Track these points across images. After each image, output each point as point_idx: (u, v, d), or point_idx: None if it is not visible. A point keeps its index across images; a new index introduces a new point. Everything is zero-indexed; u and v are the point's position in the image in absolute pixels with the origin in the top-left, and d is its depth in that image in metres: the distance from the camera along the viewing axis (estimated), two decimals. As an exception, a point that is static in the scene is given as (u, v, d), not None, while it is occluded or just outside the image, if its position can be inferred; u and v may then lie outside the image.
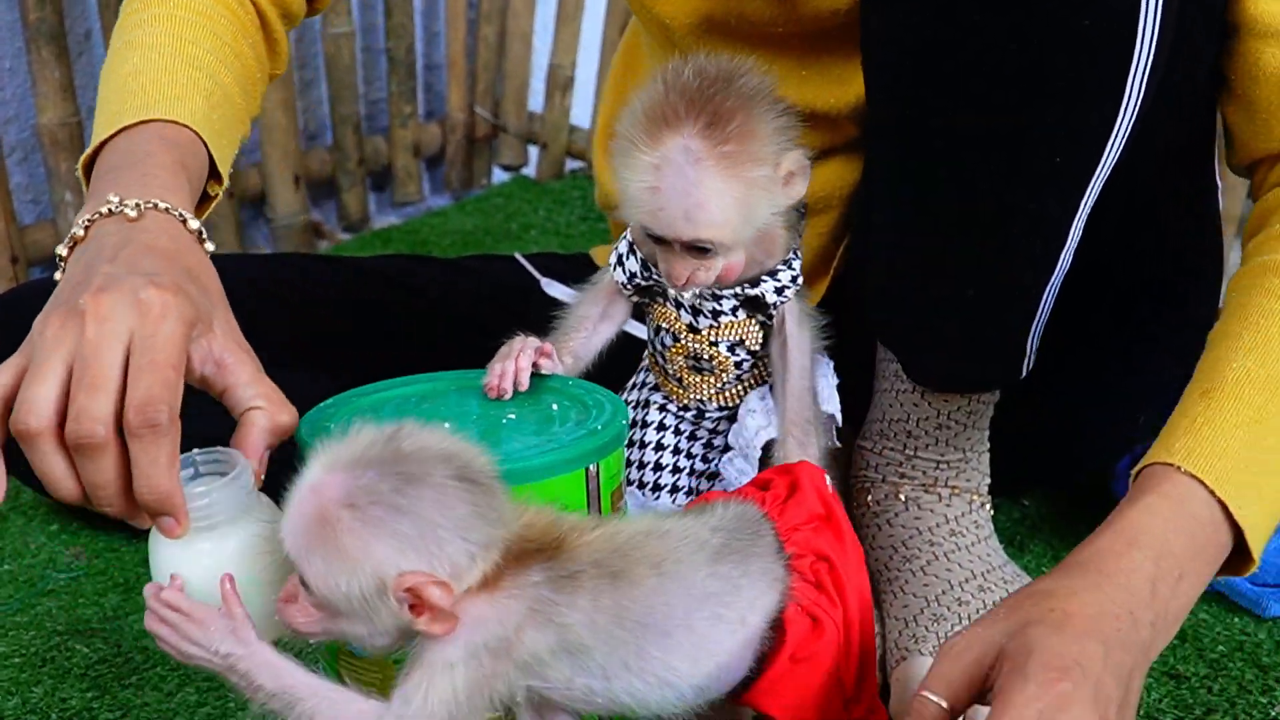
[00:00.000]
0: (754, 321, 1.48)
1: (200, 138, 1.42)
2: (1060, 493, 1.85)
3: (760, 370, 1.51)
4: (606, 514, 1.30)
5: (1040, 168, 1.38)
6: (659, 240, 1.38)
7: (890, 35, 1.40)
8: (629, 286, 1.49)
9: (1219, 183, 1.67)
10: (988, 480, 1.64)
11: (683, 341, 1.49)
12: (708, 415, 1.53)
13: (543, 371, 1.41)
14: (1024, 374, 1.56)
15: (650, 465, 1.52)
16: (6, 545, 1.86)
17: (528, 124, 3.22)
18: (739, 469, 1.49)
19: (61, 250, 1.31)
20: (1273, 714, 1.44)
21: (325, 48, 2.83)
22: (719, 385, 1.50)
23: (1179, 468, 1.25)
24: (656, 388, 1.55)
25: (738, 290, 1.46)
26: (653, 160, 1.33)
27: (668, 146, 1.33)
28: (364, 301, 1.94)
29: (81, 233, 1.30)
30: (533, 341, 1.43)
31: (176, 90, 1.44)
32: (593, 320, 1.50)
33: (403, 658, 1.15)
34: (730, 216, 1.35)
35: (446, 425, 1.31)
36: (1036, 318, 1.51)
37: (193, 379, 1.23)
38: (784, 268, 1.47)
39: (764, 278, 1.46)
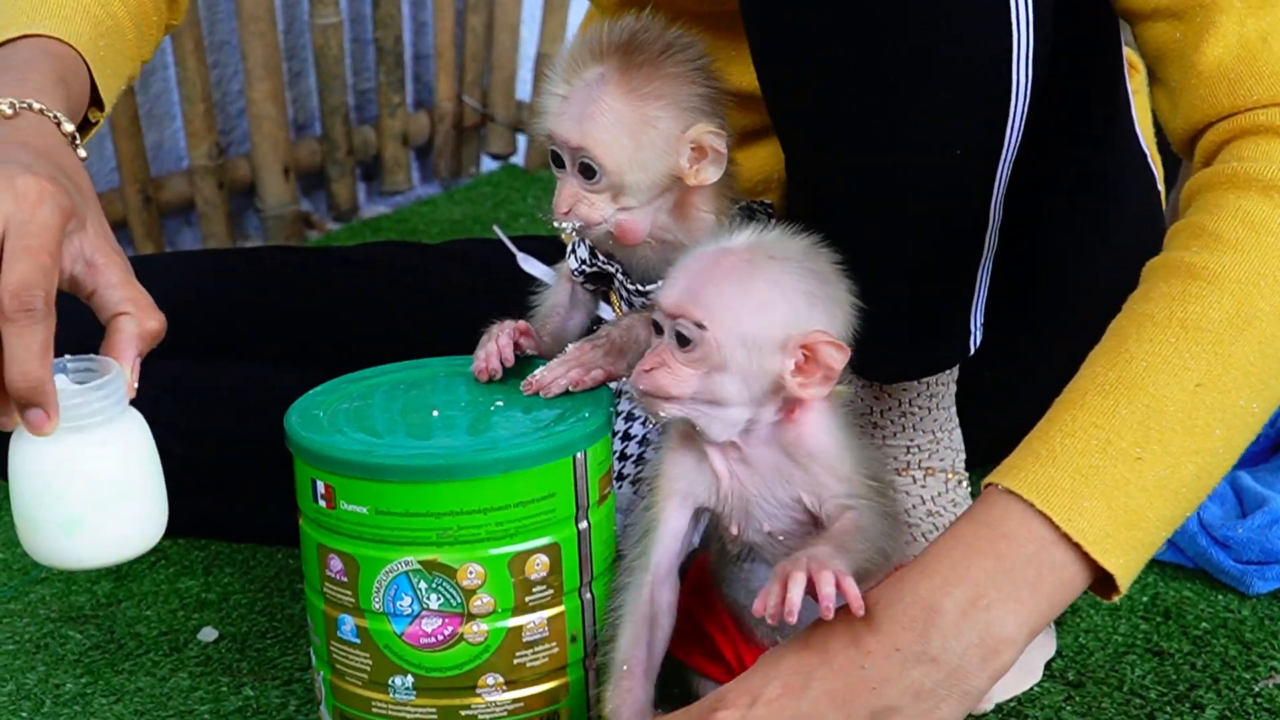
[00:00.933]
0: None
1: (84, 59, 1.38)
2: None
3: None
4: (594, 501, 1.30)
5: (944, 156, 1.37)
6: (557, 162, 1.39)
7: (771, 53, 1.41)
8: (580, 275, 1.48)
9: (1144, 148, 1.68)
10: (963, 456, 1.63)
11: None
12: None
13: (525, 351, 1.42)
14: (973, 350, 1.55)
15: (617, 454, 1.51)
16: (0, 534, 1.87)
17: (516, 113, 3.22)
18: None
19: None
20: (1256, 689, 1.45)
21: (314, 39, 2.84)
22: None
23: (997, 485, 1.19)
24: None
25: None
26: (569, 79, 1.37)
27: (586, 71, 1.37)
28: (352, 291, 1.94)
29: None
30: (509, 323, 1.43)
31: (65, 11, 1.39)
32: (564, 308, 1.50)
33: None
34: (619, 140, 1.35)
35: (435, 412, 1.33)
36: (975, 297, 1.49)
37: (61, 279, 1.18)
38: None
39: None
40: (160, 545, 1.78)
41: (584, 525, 1.30)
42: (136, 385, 1.19)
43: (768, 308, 1.22)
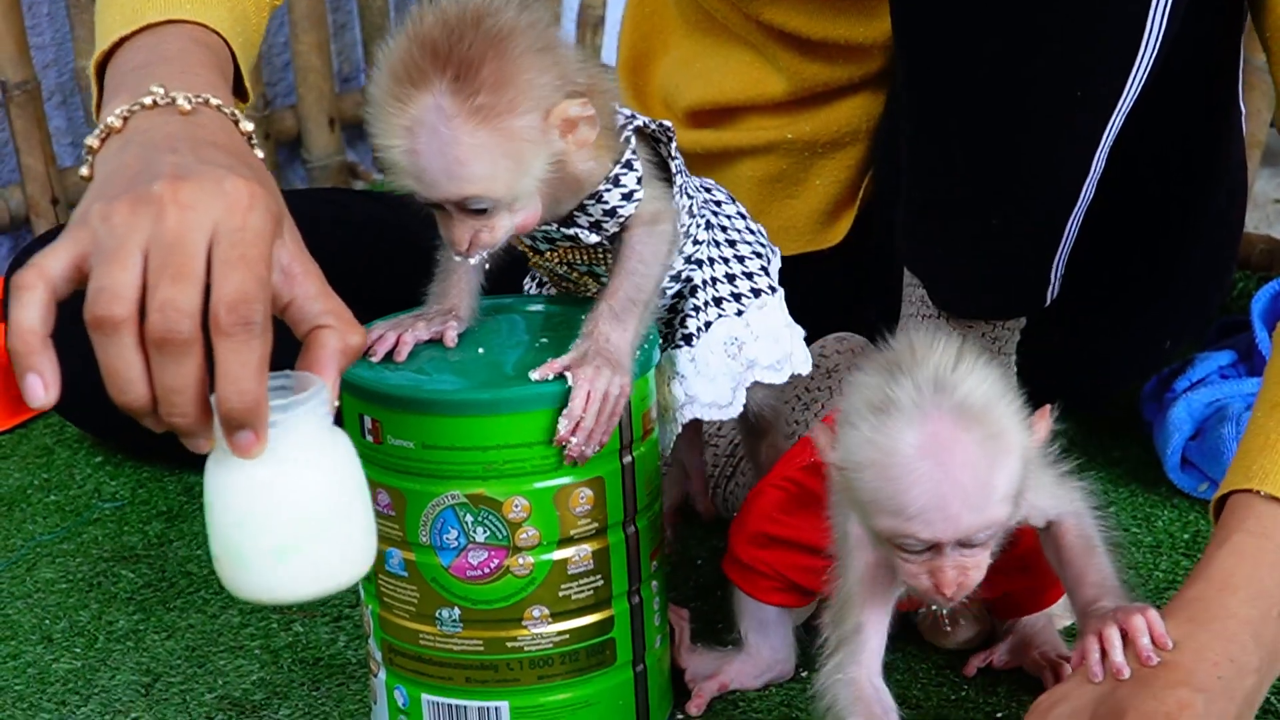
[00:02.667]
0: (598, 248, 1.35)
1: (230, 47, 1.30)
2: (1089, 414, 1.85)
3: None
4: (638, 437, 1.30)
5: (1063, 99, 1.38)
6: (434, 205, 1.27)
7: None
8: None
9: (1243, 108, 1.67)
10: (1017, 405, 1.64)
11: (534, 260, 1.40)
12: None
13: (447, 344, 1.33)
14: (1048, 302, 1.57)
15: None
16: (54, 477, 1.88)
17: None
18: None
19: (91, 141, 1.15)
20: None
21: (358, -10, 2.84)
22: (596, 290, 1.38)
23: (1259, 492, 1.21)
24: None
25: (550, 229, 1.33)
26: (404, 123, 1.22)
27: (418, 106, 1.21)
28: (398, 232, 1.94)
29: (119, 124, 1.13)
30: (435, 315, 1.34)
31: None
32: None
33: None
34: (496, 170, 1.22)
35: (481, 349, 1.33)
36: (1061, 246, 1.51)
37: None
38: (592, 201, 1.31)
39: (576, 214, 1.32)
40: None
41: (628, 460, 1.29)
42: (338, 403, 1.11)
43: (1019, 457, 1.17)
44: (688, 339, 1.39)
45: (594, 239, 1.32)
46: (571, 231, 1.32)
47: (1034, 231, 1.50)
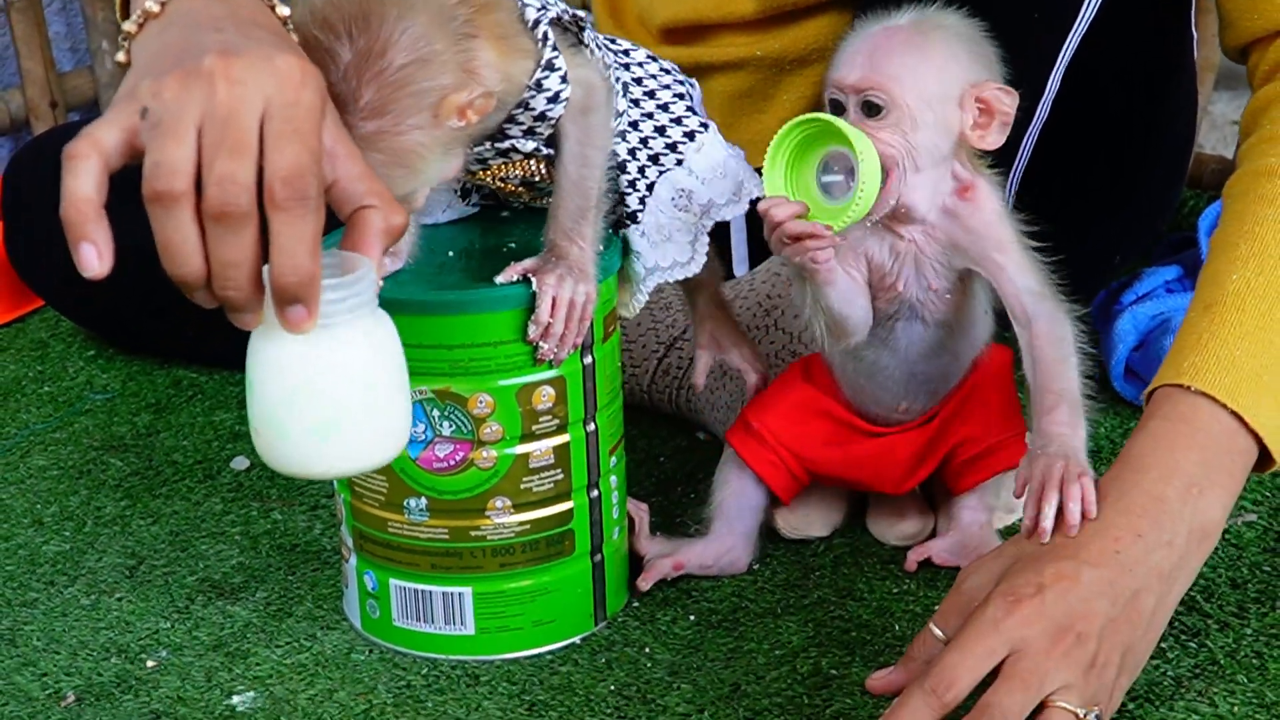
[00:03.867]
0: (534, 160, 1.34)
1: None
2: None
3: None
4: (599, 338, 1.34)
5: (1021, 19, 1.40)
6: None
7: None
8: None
9: (1194, 32, 1.70)
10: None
11: (467, 179, 1.37)
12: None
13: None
14: None
15: None
16: (47, 369, 1.91)
17: None
18: None
19: (129, 27, 1.10)
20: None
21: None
22: (522, 178, 1.36)
23: (1188, 387, 1.24)
24: None
25: (484, 147, 1.30)
26: None
27: None
28: None
29: (156, 8, 1.09)
30: None
31: None
32: None
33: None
34: (394, 181, 1.16)
35: (450, 253, 1.35)
36: (1016, 163, 1.53)
37: None
38: (521, 111, 1.27)
39: (506, 125, 1.28)
40: (196, 380, 1.85)
41: (589, 360, 1.33)
42: (383, 283, 1.11)
43: (944, 68, 1.30)
44: (632, 217, 1.38)
45: (530, 145, 1.30)
46: (506, 145, 1.30)
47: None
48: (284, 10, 1.14)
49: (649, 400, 1.74)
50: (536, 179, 1.34)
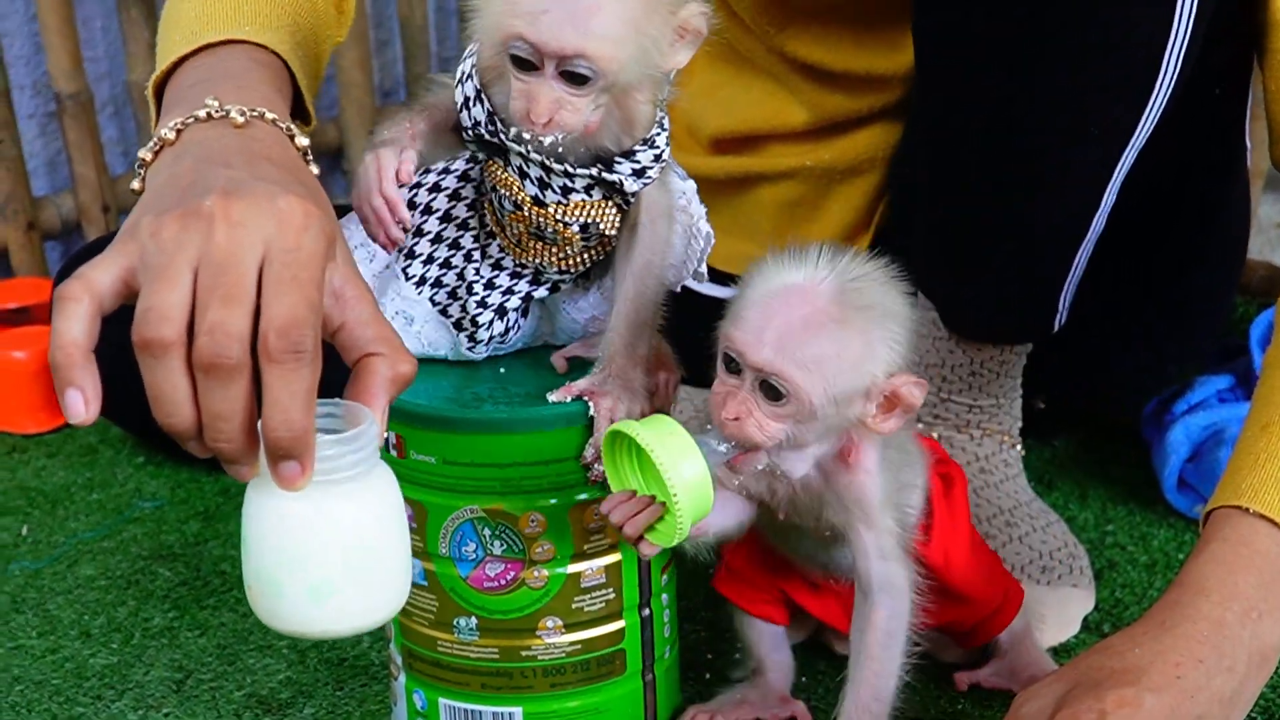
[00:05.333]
0: (610, 204, 1.23)
1: (290, 69, 1.24)
2: (1086, 436, 1.85)
3: (610, 239, 1.27)
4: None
5: (1078, 134, 1.38)
6: (524, 65, 1.12)
7: (942, 38, 1.41)
8: (469, 134, 1.23)
9: (1248, 142, 1.67)
10: (1019, 424, 1.64)
11: (525, 212, 1.23)
12: (546, 276, 1.30)
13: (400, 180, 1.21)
14: (1056, 329, 1.57)
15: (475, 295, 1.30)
16: (96, 476, 1.89)
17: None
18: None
19: (145, 154, 1.09)
20: None
21: (399, 9, 2.84)
22: (562, 254, 1.27)
23: (1246, 509, 1.21)
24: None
25: (593, 171, 1.20)
26: None
27: None
28: None
29: (172, 136, 1.08)
30: (385, 154, 1.22)
31: (262, 20, 1.24)
32: (412, 135, 1.25)
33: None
34: (623, 35, 1.10)
35: (502, 369, 1.32)
36: (1070, 276, 1.51)
37: None
38: (644, 147, 1.21)
39: (619, 159, 1.21)
40: (245, 488, 1.82)
41: (641, 478, 1.30)
42: (388, 434, 1.03)
43: (860, 363, 1.17)
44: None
45: (636, 186, 1.21)
46: (614, 177, 1.21)
47: (1045, 261, 1.50)
48: (303, 141, 1.12)
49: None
50: (599, 223, 1.24)
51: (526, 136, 1.17)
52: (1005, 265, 1.50)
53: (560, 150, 1.19)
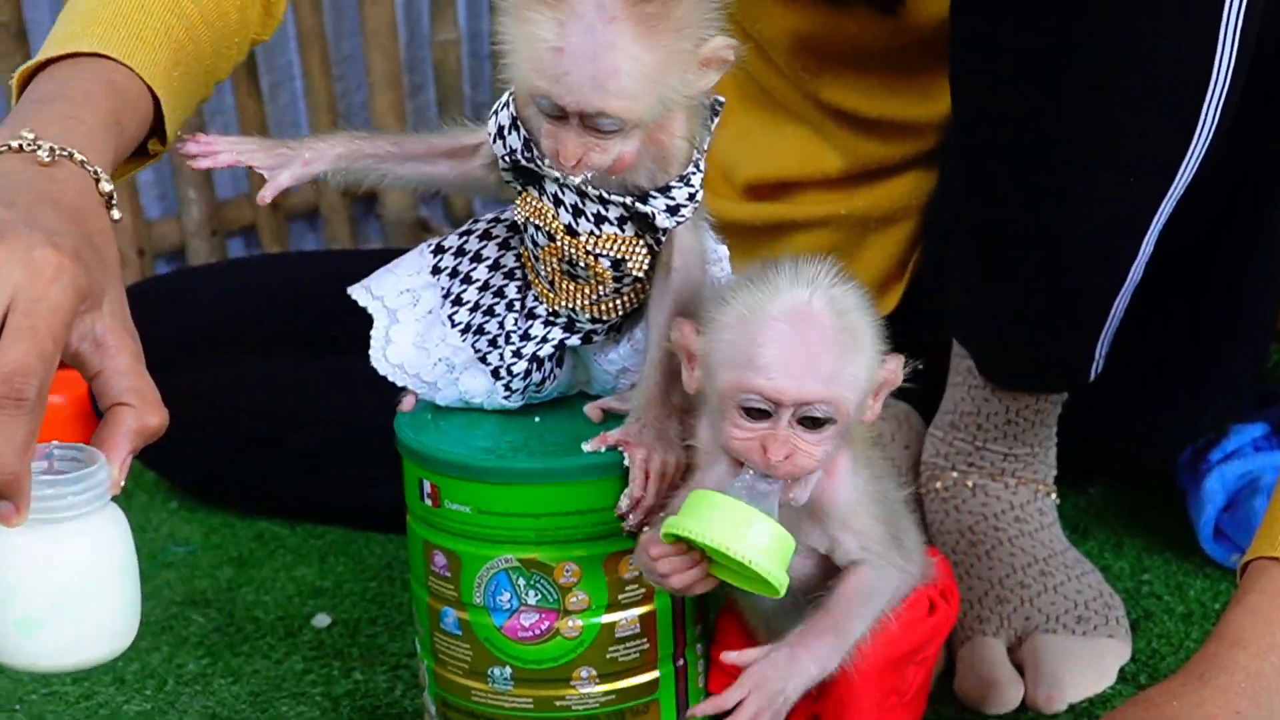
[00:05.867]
0: (641, 243, 1.23)
1: (153, 94, 1.24)
2: (1122, 485, 1.83)
3: (642, 286, 1.27)
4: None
5: (1115, 187, 1.36)
6: (551, 112, 1.13)
7: (972, 48, 1.40)
8: (505, 161, 1.23)
9: None
10: (1054, 472, 1.62)
11: (558, 243, 1.23)
12: (579, 324, 1.30)
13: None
14: (1091, 378, 1.55)
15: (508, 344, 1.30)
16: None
17: (624, 126, 3.22)
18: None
19: None
20: None
21: (433, 54, 2.84)
22: (594, 296, 1.26)
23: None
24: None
25: (626, 201, 1.20)
26: (558, 15, 1.08)
27: (577, 1, 1.08)
28: None
29: None
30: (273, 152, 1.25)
31: (146, 35, 1.24)
32: (435, 153, 1.28)
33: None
34: (644, 90, 1.10)
35: (537, 418, 1.32)
36: (1106, 326, 1.49)
37: (66, 354, 1.03)
38: (679, 185, 1.21)
39: (654, 194, 1.20)
40: (279, 534, 1.82)
41: (676, 528, 1.28)
42: (124, 483, 1.06)
43: (872, 366, 1.17)
44: None
45: (669, 224, 1.21)
46: (647, 209, 1.20)
47: (1081, 311, 1.48)
48: (106, 187, 1.13)
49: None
50: (629, 261, 1.23)
51: (551, 188, 1.19)
52: (1041, 315, 1.48)
53: (595, 178, 1.19)
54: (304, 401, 1.76)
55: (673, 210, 1.21)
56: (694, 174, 1.22)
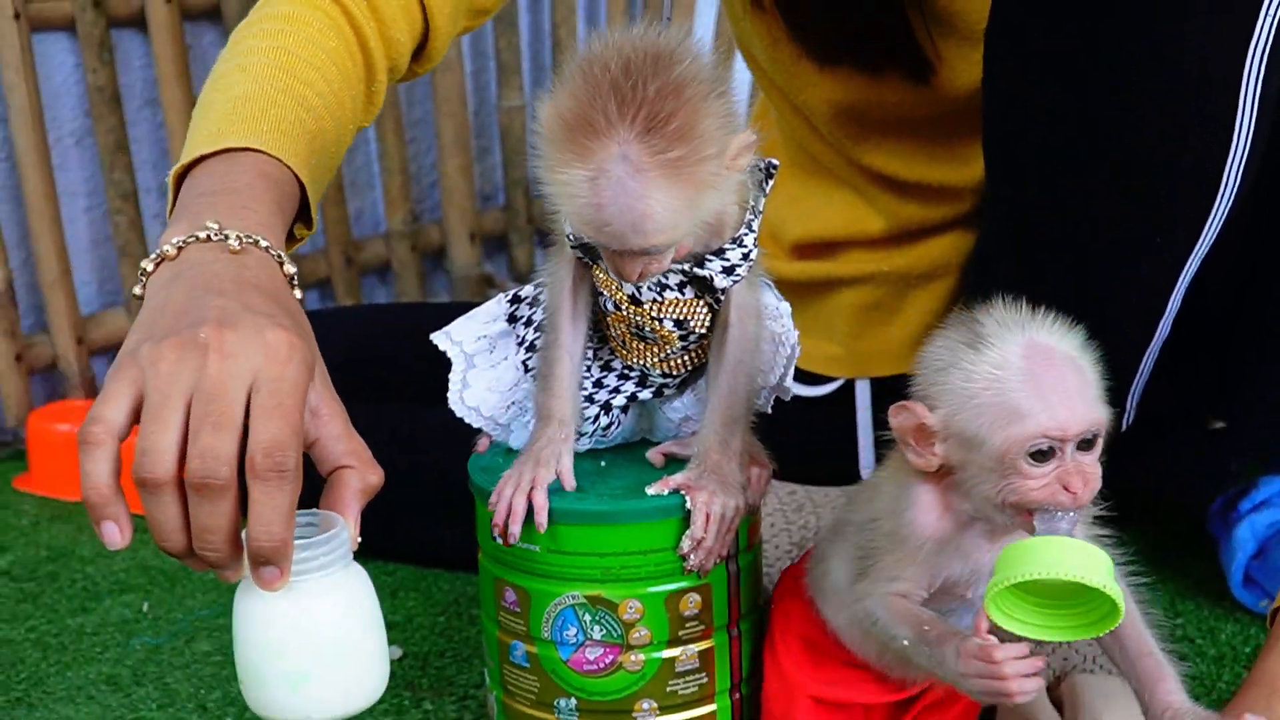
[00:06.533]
0: (701, 303, 1.26)
1: (300, 181, 1.29)
2: (1155, 531, 1.84)
3: (707, 343, 1.30)
4: (743, 548, 1.32)
5: (1143, 247, 1.38)
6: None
7: (1004, 118, 1.42)
8: (572, 240, 1.25)
9: None
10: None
11: (623, 311, 1.27)
12: (650, 379, 1.34)
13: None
14: (1124, 429, 1.57)
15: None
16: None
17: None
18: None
19: (147, 265, 1.16)
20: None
21: (500, 119, 2.88)
22: (662, 355, 1.30)
23: None
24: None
25: (685, 268, 1.24)
26: (588, 173, 1.12)
27: (604, 157, 1.11)
28: None
29: (173, 252, 1.15)
30: (525, 478, 1.27)
31: (284, 126, 1.29)
32: (569, 307, 1.29)
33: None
34: (681, 219, 1.14)
35: (603, 463, 1.34)
36: (1136, 378, 1.50)
37: None
38: (733, 246, 1.24)
39: (710, 257, 1.23)
40: (353, 571, 1.84)
41: (734, 569, 1.31)
42: (359, 540, 1.11)
43: (1099, 383, 1.18)
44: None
45: (726, 283, 1.24)
46: (705, 273, 1.24)
47: (1112, 364, 1.49)
48: (290, 269, 1.18)
49: (782, 599, 1.71)
50: (691, 320, 1.27)
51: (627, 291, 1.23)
52: None
53: None
54: (376, 445, 1.79)
55: (728, 270, 1.24)
56: (746, 234, 1.24)
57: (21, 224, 2.30)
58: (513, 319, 1.34)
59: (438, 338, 1.35)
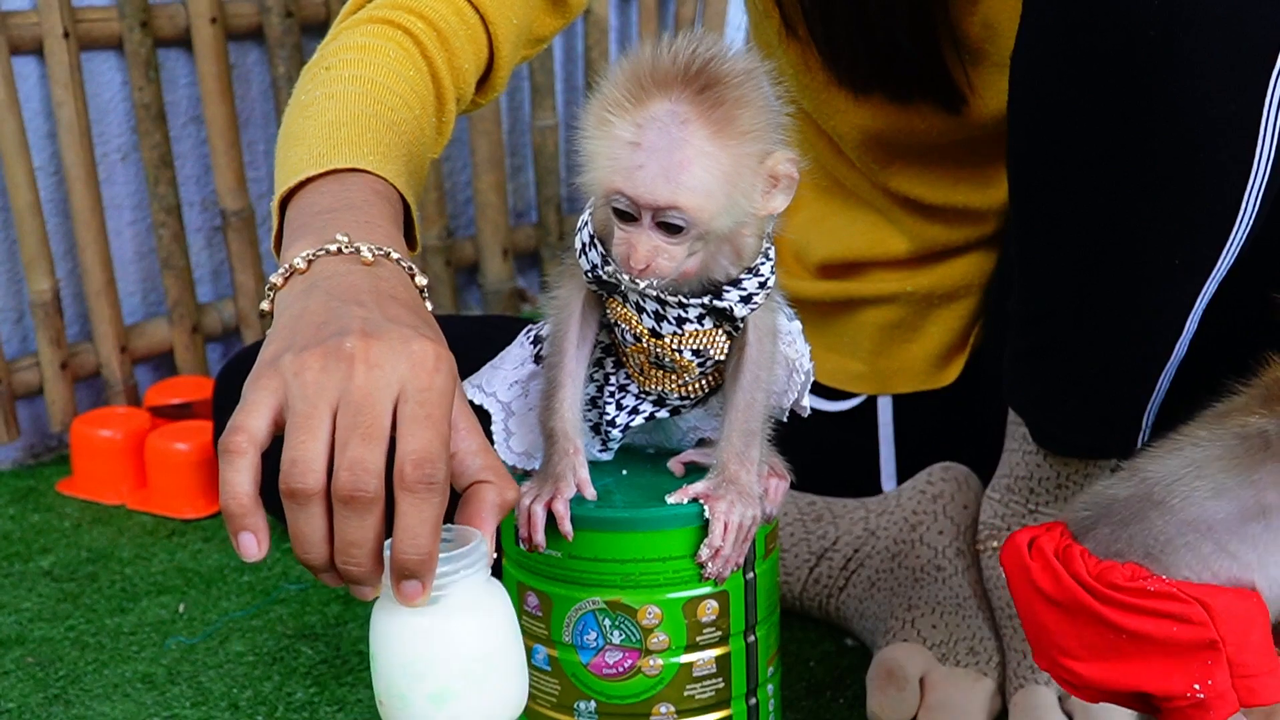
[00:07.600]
0: (720, 331, 1.24)
1: (405, 201, 1.26)
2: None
3: (724, 367, 1.28)
4: (760, 555, 1.30)
5: (1160, 265, 1.36)
6: (625, 216, 1.14)
7: (1024, 142, 1.40)
8: (589, 275, 1.24)
9: None
10: (1103, 534, 1.62)
11: (643, 343, 1.25)
12: (668, 402, 1.31)
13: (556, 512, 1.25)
14: (1140, 445, 1.55)
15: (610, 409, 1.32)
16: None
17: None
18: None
19: (276, 279, 1.11)
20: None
21: (533, 138, 2.88)
22: (680, 382, 1.29)
23: None
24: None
25: (704, 300, 1.22)
26: (635, 119, 1.10)
27: (654, 107, 1.10)
28: None
29: (303, 265, 1.10)
30: (544, 490, 1.25)
31: (381, 149, 1.25)
32: (576, 335, 1.27)
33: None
34: (713, 189, 1.11)
35: (624, 471, 1.33)
36: (1153, 396, 1.49)
37: None
38: (749, 275, 1.22)
39: (727, 287, 1.22)
40: (383, 575, 1.83)
41: (750, 576, 1.29)
42: (495, 555, 1.06)
43: None
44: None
45: (745, 312, 1.23)
46: (723, 304, 1.22)
47: (1129, 382, 1.48)
48: (421, 280, 1.13)
49: (800, 606, 1.69)
50: (710, 349, 1.25)
51: (634, 297, 1.21)
52: (1091, 387, 1.48)
53: (673, 285, 1.20)
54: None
55: (746, 299, 1.23)
56: (763, 263, 1.23)
57: (69, 236, 2.30)
58: (539, 359, 1.32)
59: (469, 391, 1.32)
